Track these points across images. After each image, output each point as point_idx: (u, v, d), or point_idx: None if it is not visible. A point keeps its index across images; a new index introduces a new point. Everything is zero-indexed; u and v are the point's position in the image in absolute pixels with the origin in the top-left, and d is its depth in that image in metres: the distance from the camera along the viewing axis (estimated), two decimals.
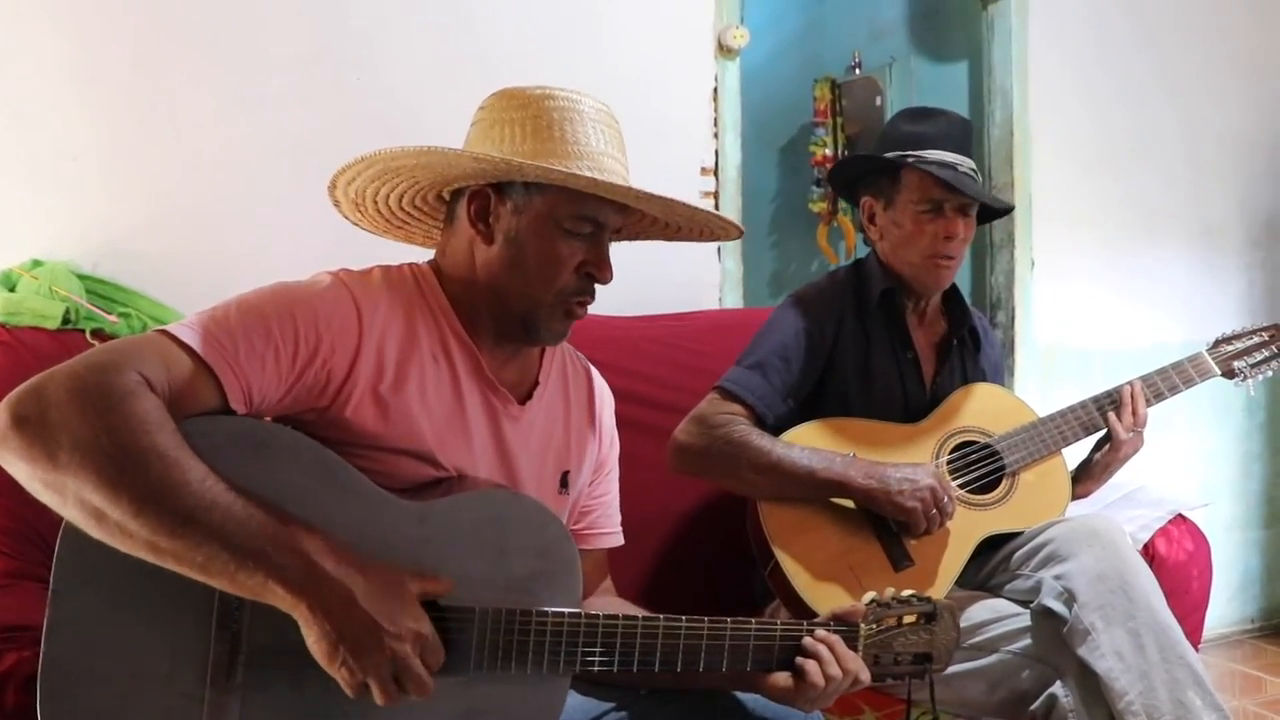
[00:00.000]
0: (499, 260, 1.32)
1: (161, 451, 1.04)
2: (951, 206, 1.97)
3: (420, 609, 1.15)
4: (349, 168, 1.33)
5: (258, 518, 1.07)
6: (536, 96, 1.32)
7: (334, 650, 1.08)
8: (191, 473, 1.05)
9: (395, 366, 1.27)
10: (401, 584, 1.14)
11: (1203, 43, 3.55)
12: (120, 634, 1.12)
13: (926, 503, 1.80)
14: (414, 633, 1.12)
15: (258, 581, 1.06)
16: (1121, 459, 2.01)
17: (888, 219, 2.04)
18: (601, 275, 1.34)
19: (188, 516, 1.04)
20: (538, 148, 1.29)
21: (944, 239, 1.97)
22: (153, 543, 1.04)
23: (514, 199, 1.31)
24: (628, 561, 1.67)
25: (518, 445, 1.39)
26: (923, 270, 2.01)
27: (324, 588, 1.08)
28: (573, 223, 1.31)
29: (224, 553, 1.05)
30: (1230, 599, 3.61)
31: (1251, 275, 3.66)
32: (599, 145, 1.32)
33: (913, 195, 1.99)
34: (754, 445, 1.85)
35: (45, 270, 1.98)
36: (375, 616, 1.09)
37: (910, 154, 1.98)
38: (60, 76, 2.11)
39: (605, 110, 1.36)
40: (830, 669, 1.31)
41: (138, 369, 1.08)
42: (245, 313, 1.19)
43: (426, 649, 1.14)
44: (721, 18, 2.80)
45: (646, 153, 2.61)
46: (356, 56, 2.37)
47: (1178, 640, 1.70)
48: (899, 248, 2.02)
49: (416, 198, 1.41)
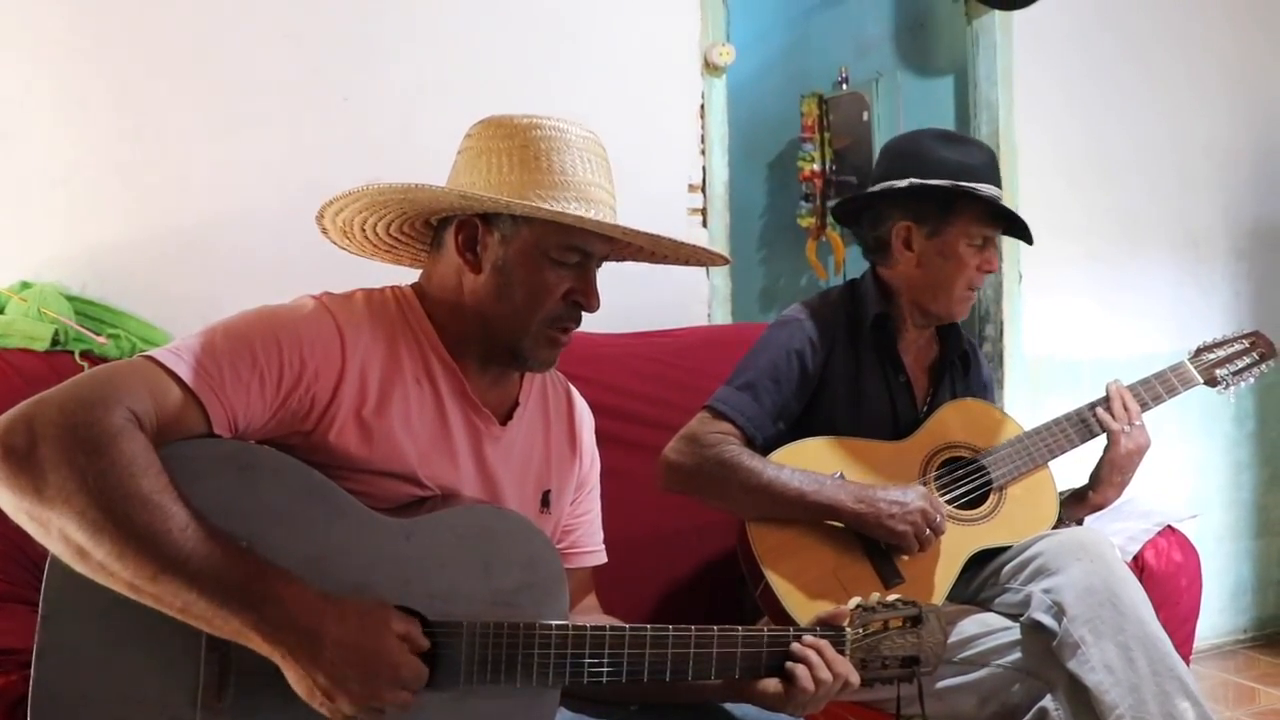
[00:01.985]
0: (487, 289, 1.33)
1: (146, 496, 1.06)
2: (993, 241, 1.99)
3: (400, 647, 1.15)
4: (335, 200, 1.34)
5: (237, 566, 1.09)
6: (523, 126, 1.32)
7: (312, 692, 1.11)
8: (174, 520, 1.07)
9: (378, 390, 1.28)
10: (383, 624, 1.15)
11: (1186, 55, 3.57)
12: (110, 657, 1.12)
13: (918, 525, 1.80)
14: (389, 678, 1.13)
15: (234, 628, 1.08)
16: (1125, 456, 1.97)
17: (931, 247, 1.98)
18: (588, 303, 1.35)
19: (168, 563, 1.05)
20: (525, 178, 1.29)
21: (984, 272, 1.99)
22: (134, 585, 1.06)
23: (501, 229, 1.32)
24: (617, 580, 1.67)
25: (499, 465, 1.40)
26: (957, 302, 2.00)
27: (297, 638, 1.09)
28: (560, 253, 1.32)
29: (202, 600, 1.07)
30: (1222, 609, 3.62)
31: (1237, 285, 3.68)
32: (586, 175, 1.32)
33: (969, 227, 1.95)
34: (745, 466, 1.84)
35: (34, 292, 1.98)
36: (348, 664, 1.11)
37: (966, 185, 1.93)
38: (48, 98, 2.11)
39: (592, 138, 1.36)
40: (820, 673, 1.33)
41: (127, 404, 1.09)
42: (231, 339, 1.21)
43: (404, 683, 1.15)
44: (708, 35, 2.81)
45: (634, 170, 2.63)
46: (344, 78, 2.37)
47: (1167, 652, 1.70)
48: (938, 276, 1.98)
49: (405, 225, 1.41)
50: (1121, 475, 2.00)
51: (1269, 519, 3.75)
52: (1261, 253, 3.72)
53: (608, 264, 1.42)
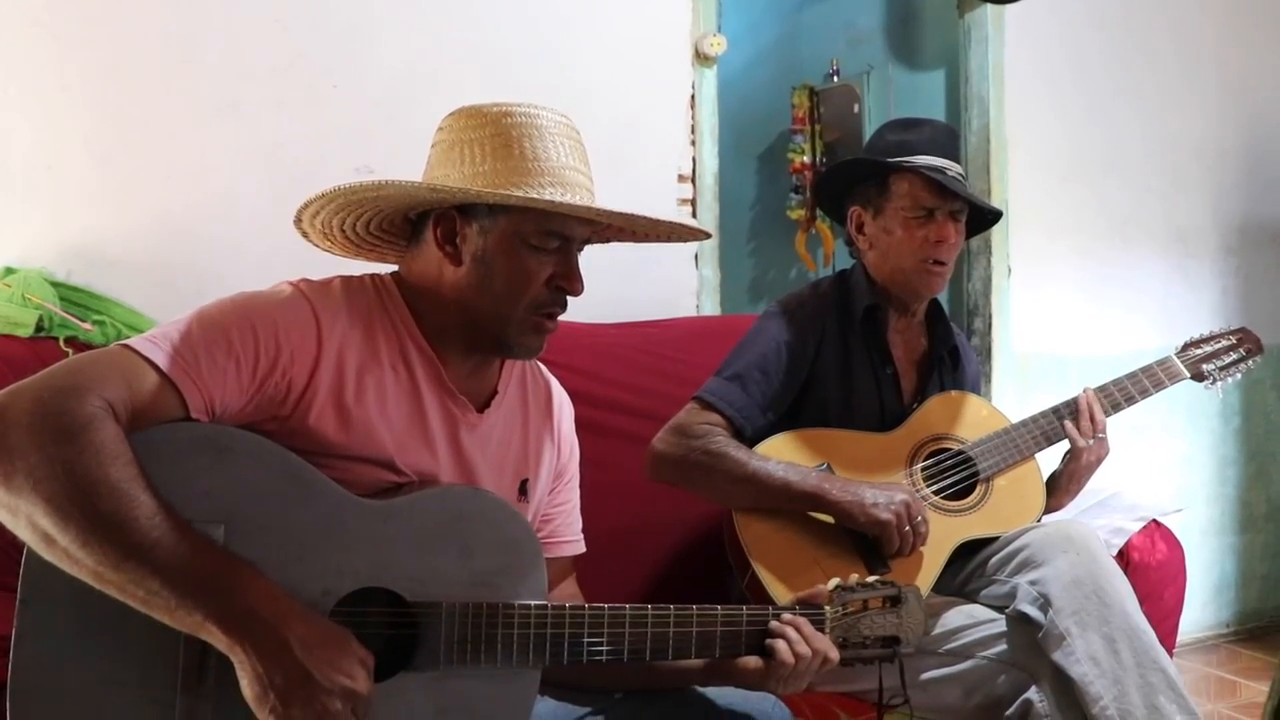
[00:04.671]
0: (468, 280, 1.33)
1: (113, 484, 1.05)
2: (942, 212, 1.96)
3: (358, 664, 1.13)
4: (311, 203, 1.34)
5: (202, 558, 1.08)
6: (494, 115, 1.32)
7: (264, 696, 1.08)
8: (141, 508, 1.06)
9: (355, 375, 1.28)
10: (345, 638, 1.14)
11: (1176, 52, 3.58)
12: (89, 642, 1.12)
13: (901, 517, 1.80)
14: (346, 690, 1.10)
15: (196, 621, 1.07)
16: (1085, 467, 2.01)
17: (877, 227, 2.01)
18: (572, 287, 1.35)
19: (132, 551, 1.05)
20: (498, 166, 1.29)
21: (935, 243, 1.95)
22: (98, 573, 1.05)
23: (479, 220, 1.32)
24: (605, 570, 1.68)
25: (476, 453, 1.40)
26: (914, 276, 1.98)
27: (260, 633, 1.08)
28: (539, 239, 1.32)
29: (165, 590, 1.06)
30: (1206, 603, 3.63)
31: (1225, 282, 3.69)
32: (560, 159, 1.32)
33: (903, 201, 1.96)
34: (731, 457, 1.85)
35: (18, 278, 1.96)
36: (308, 667, 1.09)
37: (893, 160, 1.96)
38: (34, 84, 2.10)
39: (565, 122, 1.36)
40: (799, 647, 1.35)
41: (100, 392, 1.09)
42: (206, 325, 1.21)
43: (358, 705, 1.12)
44: (699, 25, 2.81)
45: (623, 159, 2.65)
46: (332, 65, 2.36)
47: (1151, 645, 1.71)
48: (889, 255, 2.00)
49: (384, 222, 1.41)
50: (1078, 485, 2.05)
51: (1253, 514, 3.77)
52: (1249, 250, 3.73)
53: (597, 255, 1.42)
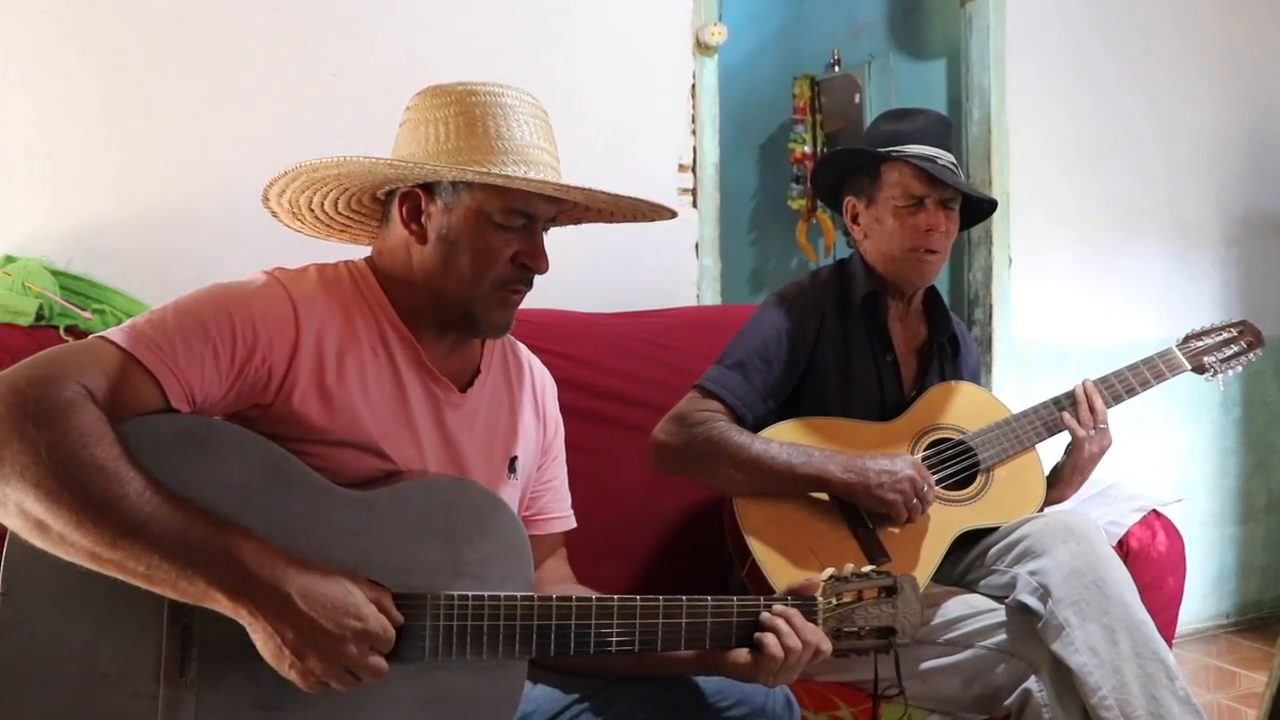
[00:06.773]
0: (434, 258, 1.34)
1: (100, 464, 1.06)
2: (933, 201, 1.96)
3: (365, 601, 1.15)
4: (276, 181, 1.36)
5: (196, 527, 1.09)
6: (460, 93, 1.33)
7: (280, 653, 1.10)
8: (130, 485, 1.07)
9: (335, 358, 1.29)
10: (349, 581, 1.16)
11: (1179, 43, 3.56)
12: (71, 635, 1.12)
13: (906, 494, 1.81)
14: (357, 631, 1.13)
15: (199, 589, 1.08)
16: (1088, 459, 2.01)
17: (870, 217, 2.02)
18: (536, 265, 1.36)
19: (127, 529, 1.06)
20: (462, 144, 1.30)
21: (925, 232, 1.96)
22: (94, 554, 1.06)
23: (443, 198, 1.33)
24: (605, 559, 1.68)
25: (461, 433, 1.40)
26: (906, 265, 1.99)
27: (263, 592, 1.09)
28: (504, 216, 1.32)
29: (164, 563, 1.07)
30: (1205, 594, 3.64)
31: (1226, 272, 3.68)
32: (525, 138, 1.33)
33: (893, 191, 1.97)
34: (733, 441, 1.84)
35: (18, 266, 1.96)
36: (315, 617, 1.10)
37: (881, 150, 1.98)
38: (33, 71, 2.09)
39: (531, 101, 1.37)
40: (789, 640, 1.34)
41: (78, 379, 1.10)
42: (182, 315, 1.22)
43: (374, 641, 1.15)
44: (700, 15, 2.80)
45: (624, 149, 2.64)
46: (332, 53, 2.35)
47: (1151, 636, 1.71)
48: (882, 244, 2.01)
49: (352, 201, 1.42)
50: (1082, 476, 2.04)
51: (1253, 505, 3.77)
52: (1251, 241, 3.73)
53: (596, 246, 1.42)
